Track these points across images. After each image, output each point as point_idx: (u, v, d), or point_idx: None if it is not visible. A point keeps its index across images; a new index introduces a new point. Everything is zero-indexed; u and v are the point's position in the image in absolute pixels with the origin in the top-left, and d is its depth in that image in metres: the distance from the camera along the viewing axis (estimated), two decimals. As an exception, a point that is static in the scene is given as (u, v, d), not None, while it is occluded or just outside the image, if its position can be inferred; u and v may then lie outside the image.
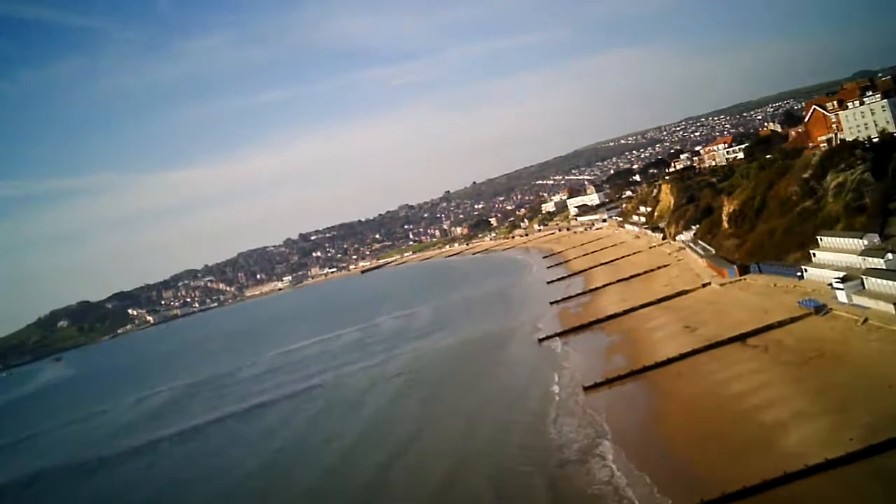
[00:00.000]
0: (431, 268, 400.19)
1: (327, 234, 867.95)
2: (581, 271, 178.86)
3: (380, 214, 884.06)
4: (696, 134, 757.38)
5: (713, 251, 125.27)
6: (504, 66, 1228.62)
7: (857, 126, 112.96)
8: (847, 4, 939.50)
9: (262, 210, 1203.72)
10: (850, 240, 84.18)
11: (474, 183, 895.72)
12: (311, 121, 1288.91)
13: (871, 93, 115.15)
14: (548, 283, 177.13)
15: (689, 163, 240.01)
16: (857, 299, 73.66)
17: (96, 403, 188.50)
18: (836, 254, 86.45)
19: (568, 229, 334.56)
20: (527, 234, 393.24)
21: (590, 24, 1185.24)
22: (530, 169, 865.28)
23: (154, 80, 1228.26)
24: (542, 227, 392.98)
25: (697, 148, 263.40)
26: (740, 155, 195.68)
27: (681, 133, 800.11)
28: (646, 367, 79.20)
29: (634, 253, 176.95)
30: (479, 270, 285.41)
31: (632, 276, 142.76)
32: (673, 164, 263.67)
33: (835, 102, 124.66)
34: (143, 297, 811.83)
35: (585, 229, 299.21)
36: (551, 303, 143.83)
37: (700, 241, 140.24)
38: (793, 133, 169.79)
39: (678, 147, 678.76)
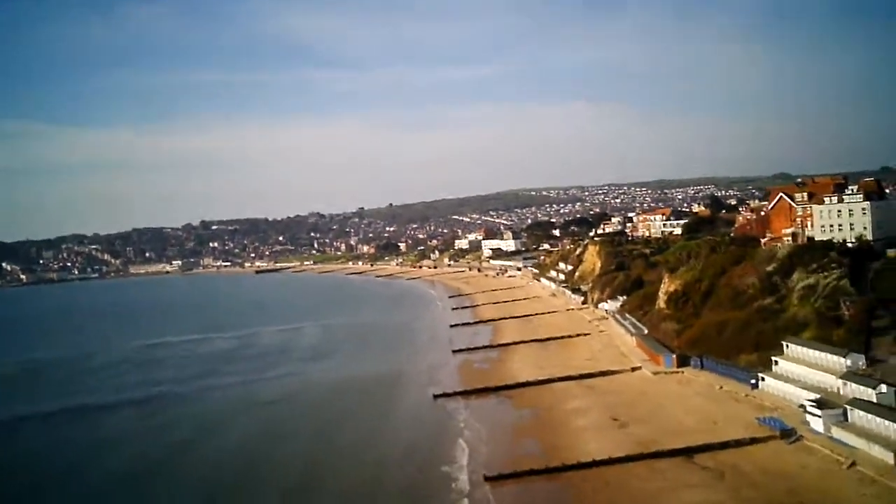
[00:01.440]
0: (329, 282, 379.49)
1: (229, 227, 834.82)
2: (490, 320, 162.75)
3: (288, 217, 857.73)
4: (617, 200, 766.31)
5: (645, 330, 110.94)
6: (439, 94, 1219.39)
7: (831, 225, 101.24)
8: (783, 104, 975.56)
9: (169, 188, 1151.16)
10: (828, 356, 70.44)
11: (391, 204, 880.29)
12: (240, 109, 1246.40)
13: (850, 191, 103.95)
14: (452, 326, 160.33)
15: (619, 227, 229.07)
16: (838, 433, 59.29)
17: None
18: (805, 368, 72.52)
19: (479, 270, 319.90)
20: (435, 267, 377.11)
21: (531, 69, 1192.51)
22: (449, 202, 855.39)
23: (89, 36, 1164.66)
24: (451, 263, 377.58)
25: (631, 215, 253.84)
26: (677, 230, 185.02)
27: (602, 196, 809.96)
28: (566, 465, 62.54)
29: (550, 312, 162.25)
30: (379, 296, 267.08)
31: (548, 339, 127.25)
32: (602, 226, 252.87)
33: (804, 195, 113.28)
34: (22, 252, 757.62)
35: (498, 274, 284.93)
36: (454, 351, 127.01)
37: (628, 315, 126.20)
38: (741, 218, 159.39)
39: (597, 209, 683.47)
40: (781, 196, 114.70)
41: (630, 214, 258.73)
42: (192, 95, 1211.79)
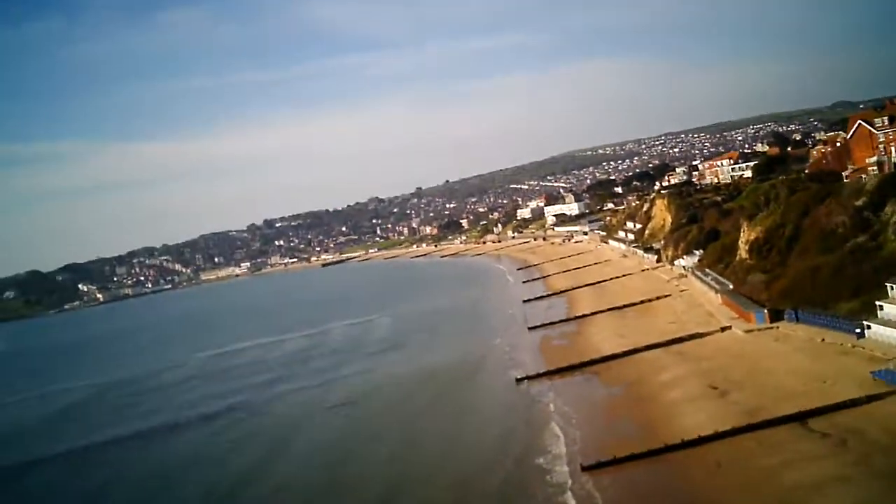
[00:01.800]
0: (396, 268, 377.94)
1: (292, 223, 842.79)
2: (562, 291, 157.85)
3: (348, 206, 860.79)
4: (676, 150, 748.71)
5: (729, 285, 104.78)
6: (483, 66, 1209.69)
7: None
8: (830, 37, 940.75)
9: (229, 192, 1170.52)
10: (943, 293, 64.14)
11: (447, 181, 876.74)
12: (286, 105, 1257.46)
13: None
14: (524, 301, 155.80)
15: (685, 177, 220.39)
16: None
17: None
18: (917, 309, 66.36)
19: (544, 239, 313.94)
20: (499, 241, 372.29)
21: (573, 30, 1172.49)
22: (505, 172, 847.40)
23: (128, 50, 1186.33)
24: (515, 235, 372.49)
25: (695, 163, 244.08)
26: (747, 173, 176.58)
27: (660, 148, 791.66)
28: (668, 445, 58.12)
29: (624, 275, 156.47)
30: (446, 277, 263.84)
31: (626, 306, 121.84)
32: (666, 178, 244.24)
33: (885, 119, 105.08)
34: (96, 271, 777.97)
35: (564, 241, 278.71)
36: (530, 328, 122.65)
37: (708, 270, 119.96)
38: (814, 153, 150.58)
39: (657, 161, 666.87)
40: (860, 123, 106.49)
41: (694, 163, 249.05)
42: (239, 97, 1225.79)
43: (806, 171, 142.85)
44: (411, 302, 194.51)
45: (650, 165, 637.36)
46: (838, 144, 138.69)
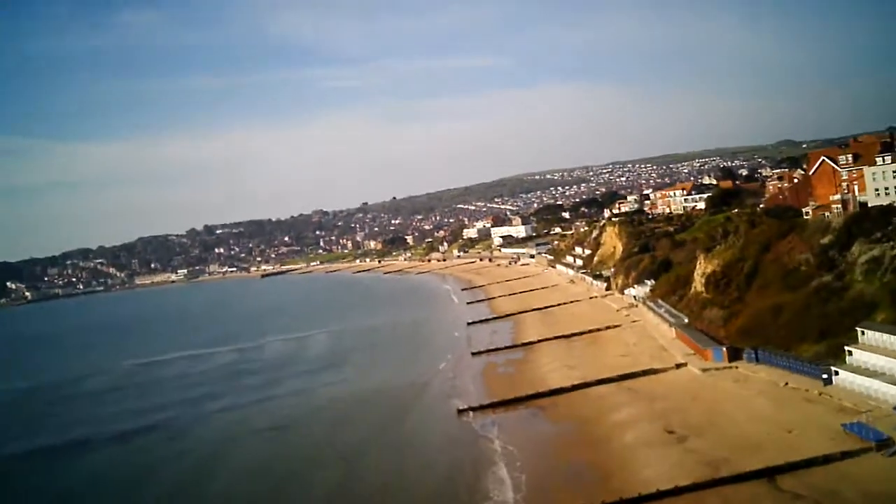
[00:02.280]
0: (337, 283, 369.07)
1: (234, 230, 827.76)
2: (508, 315, 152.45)
3: (292, 217, 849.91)
4: (623, 179, 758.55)
5: (684, 319, 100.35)
6: (437, 86, 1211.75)
7: (886, 189, 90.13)
8: (778, 77, 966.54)
9: (173, 196, 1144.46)
10: (921, 344, 59.91)
11: (394, 198, 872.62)
12: (238, 112, 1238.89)
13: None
14: (469, 323, 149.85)
15: (636, 205, 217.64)
16: (956, 444, 48.88)
17: None
18: (889, 359, 62.00)
19: (490, 260, 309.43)
20: (445, 260, 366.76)
21: (527, 55, 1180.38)
22: (452, 192, 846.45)
23: (77, 49, 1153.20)
24: (461, 254, 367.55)
25: (647, 192, 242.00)
26: (700, 205, 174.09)
27: (607, 176, 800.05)
28: (626, 500, 52.31)
29: (572, 301, 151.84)
30: (389, 294, 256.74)
31: (574, 334, 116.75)
32: (617, 206, 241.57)
33: (849, 156, 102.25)
34: (27, 271, 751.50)
35: (510, 263, 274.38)
36: (474, 353, 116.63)
37: (661, 302, 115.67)
38: (771, 188, 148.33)
39: (604, 189, 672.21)
40: (824, 159, 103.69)
41: (646, 191, 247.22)
42: (190, 102, 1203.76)
43: (761, 206, 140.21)
44: (351, 319, 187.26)
45: (597, 193, 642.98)
46: (796, 180, 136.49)
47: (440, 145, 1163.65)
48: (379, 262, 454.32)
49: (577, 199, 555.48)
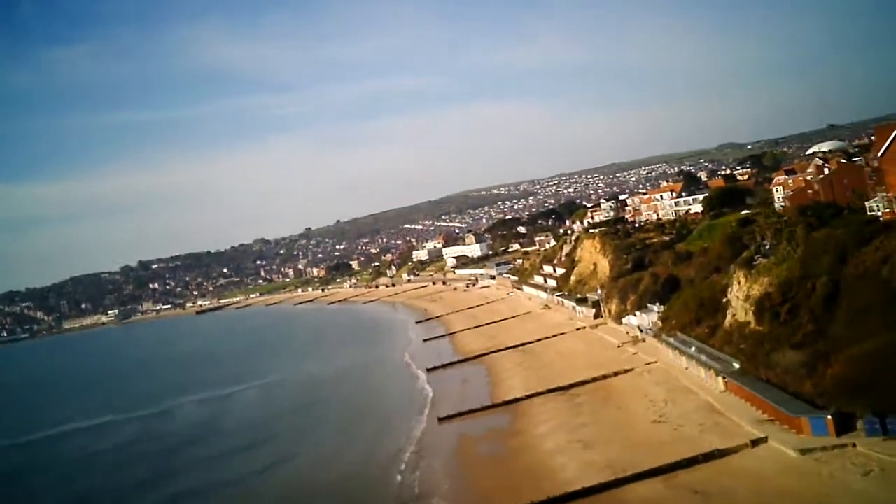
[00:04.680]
0: (275, 318, 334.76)
1: (170, 264, 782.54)
2: (478, 356, 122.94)
3: (232, 247, 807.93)
4: (570, 190, 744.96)
5: (734, 363, 72.13)
6: (376, 108, 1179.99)
7: None
8: (714, 81, 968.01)
9: (108, 232, 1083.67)
10: None
11: (338, 221, 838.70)
12: (173, 144, 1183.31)
13: None
14: (429, 370, 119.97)
15: (611, 213, 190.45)
16: None
17: None
18: None
19: (445, 284, 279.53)
20: (394, 285, 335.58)
21: (465, 74, 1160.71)
22: (398, 211, 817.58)
23: (8, 86, 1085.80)
24: (412, 278, 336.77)
25: (623, 196, 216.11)
26: (695, 207, 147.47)
27: (554, 188, 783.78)
28: None
29: (556, 335, 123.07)
30: (332, 330, 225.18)
31: (573, 385, 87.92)
32: (589, 215, 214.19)
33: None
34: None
35: (468, 286, 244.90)
36: (441, 419, 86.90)
37: (682, 335, 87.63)
38: (790, 182, 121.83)
39: (552, 201, 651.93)
40: (896, 136, 77.26)
41: (623, 196, 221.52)
42: (124, 136, 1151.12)
43: (783, 203, 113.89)
44: (284, 367, 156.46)
45: (547, 205, 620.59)
46: (827, 170, 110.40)
47: (383, 166, 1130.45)
48: (322, 290, 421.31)
49: (529, 212, 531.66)
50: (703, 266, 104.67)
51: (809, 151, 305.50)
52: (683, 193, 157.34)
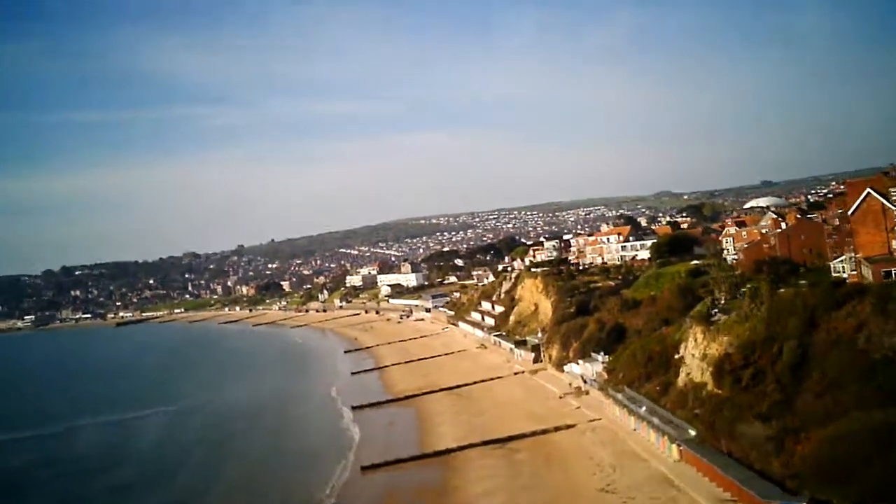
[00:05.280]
0: (198, 336, 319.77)
1: (94, 272, 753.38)
2: (408, 396, 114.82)
3: (160, 258, 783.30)
4: (509, 225, 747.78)
5: (688, 429, 66.12)
6: (319, 128, 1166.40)
7: None
8: (659, 130, 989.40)
9: (32, 234, 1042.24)
10: None
11: (272, 240, 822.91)
12: (110, 148, 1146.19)
13: None
14: (354, 408, 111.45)
15: (554, 253, 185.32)
16: None
17: None
18: None
19: (378, 312, 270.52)
20: (325, 310, 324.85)
21: (413, 102, 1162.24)
22: (335, 234, 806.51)
23: None
24: (344, 304, 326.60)
25: (568, 237, 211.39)
26: (642, 254, 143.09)
27: (493, 222, 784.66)
28: None
29: (493, 378, 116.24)
30: (256, 354, 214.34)
31: (511, 438, 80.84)
32: (531, 253, 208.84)
33: (907, 189, 71.80)
34: None
35: (402, 317, 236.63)
36: (365, 468, 78.75)
37: (630, 391, 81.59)
38: (744, 234, 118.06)
39: (490, 235, 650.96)
40: (870, 193, 73.08)
41: (567, 237, 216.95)
42: (57, 136, 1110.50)
43: (735, 255, 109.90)
44: (203, 392, 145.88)
45: (485, 239, 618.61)
46: (784, 225, 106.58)
47: (322, 187, 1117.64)
48: (250, 310, 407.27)
49: (467, 245, 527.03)
50: (652, 316, 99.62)
51: (748, 205, 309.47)
52: (630, 238, 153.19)
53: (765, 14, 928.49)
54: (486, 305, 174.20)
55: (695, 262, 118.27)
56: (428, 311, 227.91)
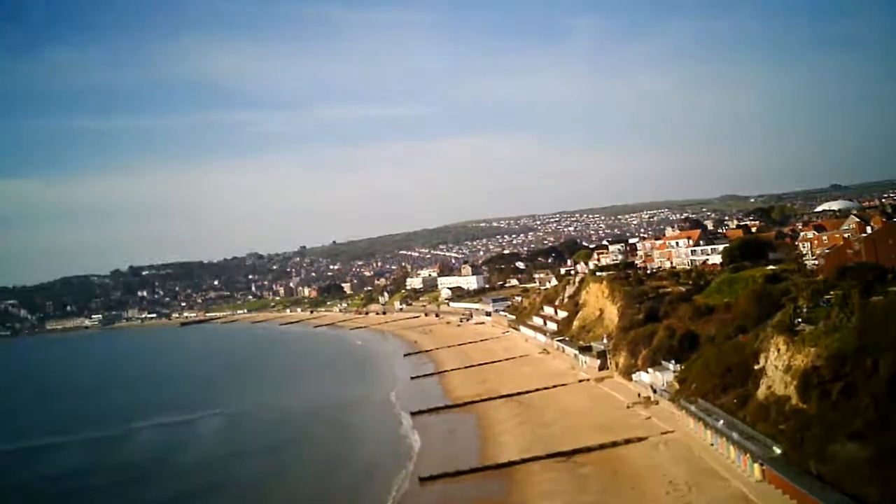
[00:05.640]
0: (259, 338, 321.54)
1: (161, 272, 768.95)
2: (468, 402, 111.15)
3: (224, 259, 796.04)
4: (570, 228, 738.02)
5: (773, 446, 61.15)
6: (377, 132, 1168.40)
7: None
8: (721, 132, 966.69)
9: (102, 235, 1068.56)
10: None
11: (334, 242, 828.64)
12: (171, 152, 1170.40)
13: None
14: (413, 413, 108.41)
15: (619, 257, 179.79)
16: None
17: None
18: None
19: (437, 316, 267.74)
20: (385, 312, 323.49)
21: (468, 105, 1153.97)
22: (395, 237, 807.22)
23: (11, 83, 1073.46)
24: (404, 307, 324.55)
25: (634, 240, 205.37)
26: (713, 259, 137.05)
27: (554, 225, 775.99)
28: None
29: (555, 386, 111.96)
30: (315, 356, 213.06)
31: (576, 451, 76.65)
32: (595, 257, 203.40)
33: None
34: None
35: (462, 321, 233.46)
36: (423, 479, 75.33)
37: (705, 403, 76.66)
38: (825, 238, 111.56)
39: (552, 238, 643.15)
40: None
41: (633, 240, 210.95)
42: (121, 141, 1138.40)
43: (815, 262, 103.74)
44: (261, 395, 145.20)
45: (546, 242, 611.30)
46: (870, 228, 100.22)
47: (382, 190, 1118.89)
48: (311, 312, 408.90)
49: (528, 248, 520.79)
50: (726, 324, 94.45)
51: (819, 209, 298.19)
52: (701, 242, 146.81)
53: (832, 18, 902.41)
54: (548, 310, 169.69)
55: (771, 267, 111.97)
56: (488, 314, 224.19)
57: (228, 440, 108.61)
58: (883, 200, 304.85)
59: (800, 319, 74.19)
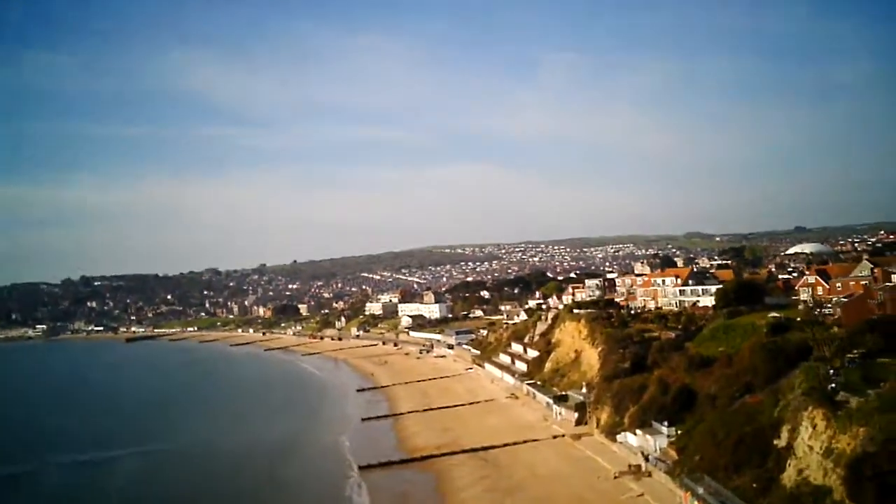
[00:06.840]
0: (208, 357, 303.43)
1: (113, 283, 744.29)
2: (426, 457, 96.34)
3: (180, 273, 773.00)
4: (535, 259, 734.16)
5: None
6: (347, 155, 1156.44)
7: None
8: (688, 170, 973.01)
9: (57, 242, 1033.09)
10: None
11: (295, 261, 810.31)
12: (135, 162, 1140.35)
13: None
14: (361, 468, 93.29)
15: (597, 292, 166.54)
16: None
17: None
18: None
19: (396, 345, 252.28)
20: (340, 339, 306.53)
21: (443, 133, 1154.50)
22: (358, 259, 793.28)
23: None
24: (361, 333, 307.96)
25: (612, 275, 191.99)
26: (704, 300, 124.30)
27: (519, 255, 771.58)
28: None
29: (526, 441, 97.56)
30: (261, 384, 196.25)
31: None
32: (571, 291, 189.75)
33: None
34: None
35: (422, 353, 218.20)
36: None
37: (710, 482, 62.89)
38: (838, 285, 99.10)
39: (516, 268, 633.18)
40: None
41: (611, 275, 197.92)
42: (88, 148, 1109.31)
43: (824, 312, 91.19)
44: (192, 428, 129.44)
45: (510, 271, 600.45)
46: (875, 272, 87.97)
47: (348, 211, 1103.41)
48: (263, 333, 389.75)
49: (492, 276, 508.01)
50: (730, 380, 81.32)
51: (791, 251, 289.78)
52: (690, 281, 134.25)
53: (797, 64, 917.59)
54: (517, 347, 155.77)
55: (773, 314, 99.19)
56: (451, 347, 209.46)
57: (138, 493, 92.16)
58: (856, 246, 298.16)
59: (833, 385, 61.19)
